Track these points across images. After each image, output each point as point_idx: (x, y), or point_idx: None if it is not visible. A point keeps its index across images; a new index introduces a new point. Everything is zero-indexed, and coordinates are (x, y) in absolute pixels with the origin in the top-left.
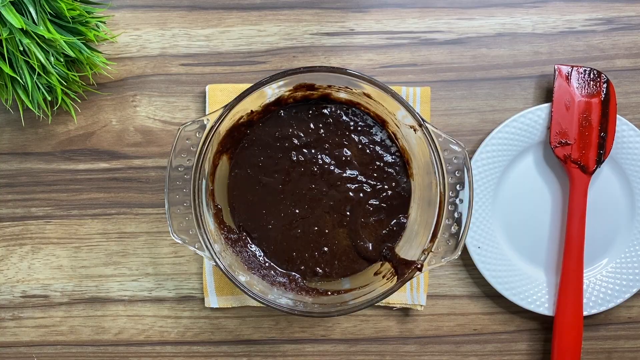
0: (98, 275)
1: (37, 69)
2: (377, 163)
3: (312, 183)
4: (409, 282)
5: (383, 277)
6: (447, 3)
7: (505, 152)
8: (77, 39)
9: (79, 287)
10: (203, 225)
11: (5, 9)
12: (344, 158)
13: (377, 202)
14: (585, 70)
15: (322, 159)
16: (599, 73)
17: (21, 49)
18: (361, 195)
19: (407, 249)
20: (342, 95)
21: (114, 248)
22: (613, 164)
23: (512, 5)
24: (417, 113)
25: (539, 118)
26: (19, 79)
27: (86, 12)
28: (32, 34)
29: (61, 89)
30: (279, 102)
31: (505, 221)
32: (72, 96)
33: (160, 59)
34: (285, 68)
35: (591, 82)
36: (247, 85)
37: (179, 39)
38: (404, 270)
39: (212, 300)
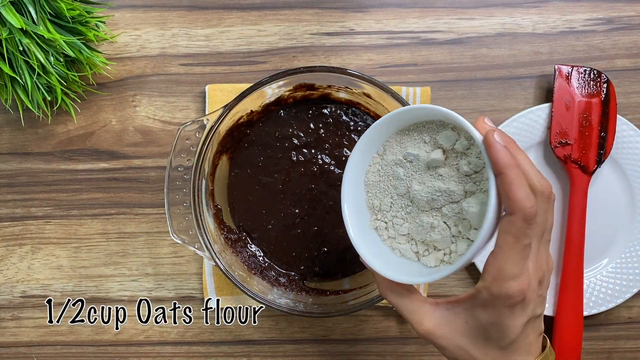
0: (98, 275)
1: (37, 69)
2: None
3: (312, 183)
4: None
5: None
6: (447, 3)
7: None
8: (77, 39)
9: (78, 287)
10: (203, 225)
11: (5, 9)
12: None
13: None
14: (585, 70)
15: (322, 159)
16: (599, 73)
17: (21, 49)
18: None
19: None
20: (342, 95)
21: (114, 248)
22: (613, 164)
23: (512, 5)
24: None
25: (539, 118)
26: (18, 79)
27: (86, 12)
28: (32, 34)
29: (61, 89)
30: (279, 102)
31: None
32: (72, 96)
33: (160, 59)
34: (285, 68)
35: (591, 82)
36: (247, 85)
37: (178, 38)
38: None
39: (212, 301)
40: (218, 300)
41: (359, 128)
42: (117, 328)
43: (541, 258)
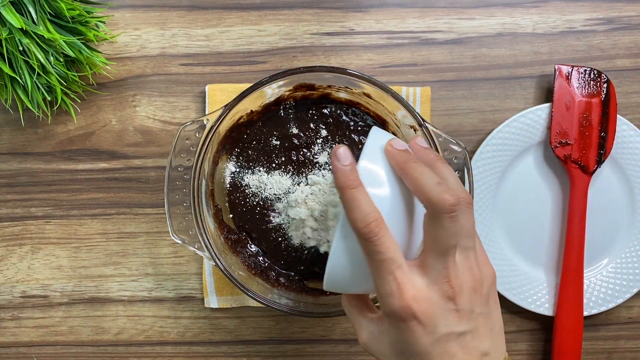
0: (98, 275)
1: (37, 69)
2: None
3: None
4: None
5: None
6: (447, 3)
7: (506, 152)
8: (77, 39)
9: (78, 287)
10: (203, 225)
11: (5, 8)
12: None
13: None
14: (585, 70)
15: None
16: (599, 73)
17: (21, 49)
18: None
19: None
20: (342, 95)
21: (114, 248)
22: (613, 164)
23: (513, 5)
24: (417, 113)
25: (539, 118)
26: (18, 79)
27: (86, 12)
28: (32, 33)
29: (61, 89)
30: (278, 102)
31: (505, 221)
32: (72, 96)
33: (160, 59)
34: (285, 68)
35: (591, 82)
36: (247, 85)
37: (178, 38)
38: None
39: (212, 301)
40: (218, 300)
41: (359, 128)
42: (117, 328)
43: (449, 273)
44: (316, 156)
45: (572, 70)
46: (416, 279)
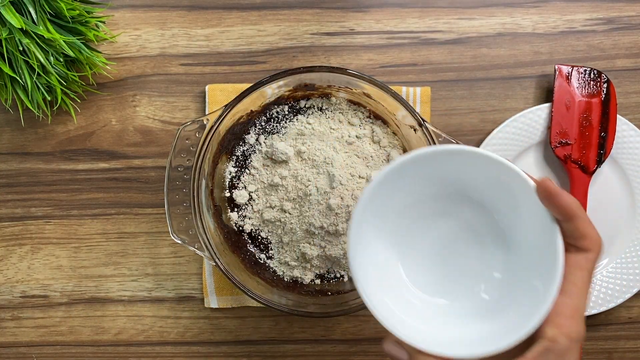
0: (98, 275)
1: (37, 69)
2: None
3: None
4: None
5: None
6: (447, 3)
7: (506, 152)
8: (77, 39)
9: (78, 288)
10: (203, 225)
11: (5, 8)
12: None
13: None
14: (585, 70)
15: None
16: (599, 73)
17: (21, 48)
18: None
19: None
20: (342, 95)
21: (114, 248)
22: (613, 164)
23: (513, 5)
24: (417, 113)
25: (539, 118)
26: (18, 79)
27: (86, 12)
28: (32, 33)
29: (61, 89)
30: (278, 102)
31: None
32: (72, 96)
33: (160, 59)
34: (285, 68)
35: (591, 82)
36: (246, 85)
37: (178, 38)
38: None
39: (212, 301)
40: (218, 300)
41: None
42: (117, 328)
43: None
44: None
45: (572, 70)
46: None
